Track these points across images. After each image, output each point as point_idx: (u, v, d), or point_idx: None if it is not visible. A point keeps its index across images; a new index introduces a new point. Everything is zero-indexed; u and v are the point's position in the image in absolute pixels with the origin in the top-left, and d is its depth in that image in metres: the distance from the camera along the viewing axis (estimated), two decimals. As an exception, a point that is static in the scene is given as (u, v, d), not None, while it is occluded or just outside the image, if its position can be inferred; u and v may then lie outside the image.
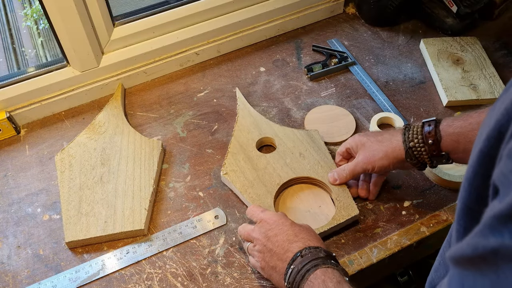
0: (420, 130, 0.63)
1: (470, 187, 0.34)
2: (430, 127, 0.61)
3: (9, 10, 2.61)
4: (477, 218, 0.33)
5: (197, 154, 0.83)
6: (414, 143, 0.63)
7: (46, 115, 0.92)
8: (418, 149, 0.63)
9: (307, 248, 0.57)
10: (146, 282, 0.67)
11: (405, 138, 0.64)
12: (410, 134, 0.64)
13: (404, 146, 0.64)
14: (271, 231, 0.61)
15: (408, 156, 0.64)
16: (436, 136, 0.61)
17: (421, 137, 0.62)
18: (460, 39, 0.98)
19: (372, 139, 0.68)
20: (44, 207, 0.77)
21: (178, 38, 0.96)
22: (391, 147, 0.65)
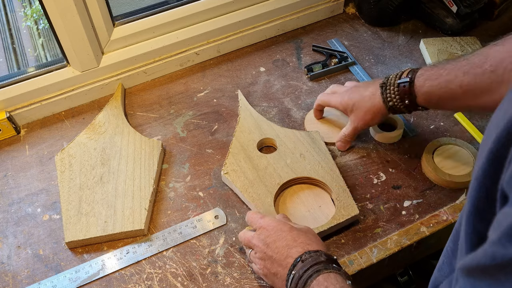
0: (397, 90, 0.69)
1: (480, 186, 0.34)
2: (404, 87, 0.68)
3: (9, 10, 2.61)
4: (487, 218, 0.33)
5: (197, 154, 0.83)
6: (393, 102, 0.70)
7: (46, 115, 0.92)
8: (397, 106, 0.70)
9: (307, 252, 0.56)
10: (146, 282, 0.67)
11: (383, 98, 0.71)
12: (388, 94, 0.70)
13: (385, 105, 0.71)
14: (270, 238, 0.61)
15: (390, 110, 0.72)
16: (411, 97, 0.68)
17: (399, 97, 0.69)
18: (460, 39, 0.98)
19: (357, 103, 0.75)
20: (44, 207, 0.77)
21: (178, 38, 0.96)
22: (377, 108, 0.73)
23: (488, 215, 0.33)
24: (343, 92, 0.78)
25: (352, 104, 0.75)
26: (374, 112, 0.73)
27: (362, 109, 0.74)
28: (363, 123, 0.76)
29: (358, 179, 0.78)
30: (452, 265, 0.48)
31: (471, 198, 0.35)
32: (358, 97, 0.75)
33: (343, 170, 0.78)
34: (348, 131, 0.78)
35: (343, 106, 0.77)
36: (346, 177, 0.77)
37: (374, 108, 0.73)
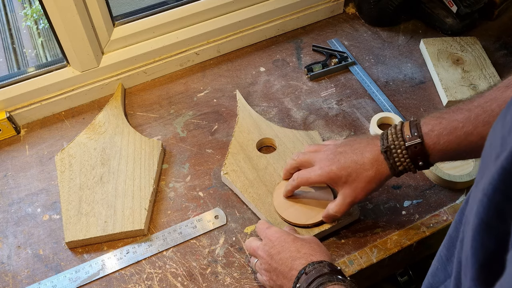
0: (406, 153, 0.60)
1: (490, 203, 0.32)
2: (416, 148, 0.59)
3: (9, 10, 2.61)
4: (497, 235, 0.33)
5: (197, 154, 0.83)
6: (403, 166, 0.61)
7: (46, 115, 0.92)
8: (408, 169, 0.61)
9: (311, 264, 0.56)
10: (146, 282, 0.67)
11: (391, 165, 0.61)
12: (395, 160, 0.61)
13: (393, 172, 0.62)
14: (274, 249, 0.60)
15: (397, 175, 0.62)
16: (424, 157, 0.59)
17: (409, 160, 0.60)
18: (460, 39, 0.98)
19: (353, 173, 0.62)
20: (44, 207, 0.77)
21: (178, 38, 0.96)
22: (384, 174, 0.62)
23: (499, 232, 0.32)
24: (324, 161, 0.65)
25: (346, 175, 0.62)
26: (380, 180, 0.62)
27: (362, 180, 0.62)
28: (364, 194, 0.63)
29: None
30: (447, 271, 0.48)
31: (479, 213, 0.34)
32: (353, 166, 0.62)
33: (343, 170, 0.78)
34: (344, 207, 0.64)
35: (331, 178, 0.64)
36: (346, 177, 0.77)
37: (380, 176, 0.62)
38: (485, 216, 0.33)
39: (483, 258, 0.35)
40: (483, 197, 0.33)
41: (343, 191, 0.64)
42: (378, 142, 0.62)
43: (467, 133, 0.56)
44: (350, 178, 0.63)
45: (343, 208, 0.65)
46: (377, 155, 0.62)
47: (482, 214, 0.34)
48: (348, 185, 0.63)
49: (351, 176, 0.62)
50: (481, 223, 0.34)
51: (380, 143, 0.62)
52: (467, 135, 0.56)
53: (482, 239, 0.34)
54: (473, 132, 0.56)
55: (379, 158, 0.61)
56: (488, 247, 0.34)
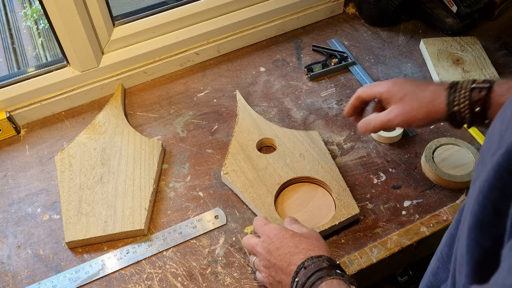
0: (469, 95, 0.57)
1: (485, 200, 0.32)
2: (480, 93, 0.56)
3: (9, 10, 2.61)
4: (492, 233, 0.33)
5: (197, 154, 0.83)
6: (459, 107, 0.57)
7: (46, 115, 0.92)
8: (462, 114, 0.58)
9: (309, 258, 0.56)
10: (146, 282, 0.67)
11: (449, 101, 0.58)
12: (456, 96, 0.58)
13: (447, 109, 0.58)
14: (273, 245, 0.60)
15: (448, 118, 0.59)
16: (484, 105, 0.56)
17: (468, 102, 0.57)
18: (460, 39, 0.98)
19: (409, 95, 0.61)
20: (44, 207, 0.77)
21: (178, 38, 0.96)
22: (434, 109, 0.59)
23: (494, 229, 0.32)
24: (391, 80, 0.65)
25: (403, 93, 0.61)
26: (429, 111, 0.59)
27: (415, 103, 0.60)
28: (407, 119, 0.61)
29: (358, 179, 0.78)
30: (449, 269, 0.48)
31: (474, 211, 0.34)
32: (414, 88, 0.61)
33: (343, 170, 0.78)
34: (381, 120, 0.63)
35: (390, 93, 0.63)
36: (346, 177, 0.77)
37: (432, 107, 0.59)
38: (480, 214, 0.33)
39: (478, 256, 0.35)
40: (479, 194, 0.33)
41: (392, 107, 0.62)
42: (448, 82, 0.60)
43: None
44: (406, 98, 0.61)
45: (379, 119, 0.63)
46: (441, 89, 0.60)
47: (477, 211, 0.33)
48: (400, 104, 0.62)
49: (407, 96, 0.61)
50: (476, 221, 0.34)
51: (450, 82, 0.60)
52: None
53: (477, 237, 0.34)
54: None
55: (442, 92, 0.59)
56: (483, 244, 0.34)
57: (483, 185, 0.32)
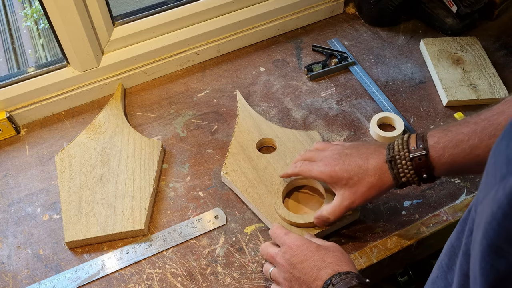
0: (410, 165, 0.60)
1: (499, 227, 0.32)
2: (420, 160, 0.59)
3: (9, 10, 2.61)
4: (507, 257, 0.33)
5: (197, 154, 0.83)
6: (407, 178, 0.60)
7: (46, 115, 0.92)
8: (412, 181, 0.61)
9: (337, 274, 0.54)
10: (146, 282, 0.67)
11: (394, 175, 0.61)
12: (399, 170, 0.61)
13: (396, 182, 0.61)
14: (296, 258, 0.58)
15: (401, 186, 0.62)
16: (429, 169, 0.59)
17: (414, 172, 0.60)
18: (460, 39, 0.98)
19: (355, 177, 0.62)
20: (44, 207, 0.77)
21: (178, 38, 0.96)
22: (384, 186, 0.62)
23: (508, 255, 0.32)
24: (329, 161, 0.65)
25: (348, 177, 0.62)
26: (381, 188, 0.62)
27: (364, 185, 0.62)
28: (363, 200, 0.63)
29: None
30: (448, 280, 0.48)
31: (488, 235, 0.33)
32: (356, 170, 0.62)
33: (343, 170, 0.78)
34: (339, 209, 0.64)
35: (333, 179, 0.64)
36: (346, 177, 0.77)
37: (381, 184, 0.62)
38: (495, 239, 0.33)
39: (493, 279, 0.34)
40: (492, 220, 0.33)
41: (342, 193, 0.63)
42: (384, 150, 0.62)
43: (472, 146, 0.55)
44: (351, 181, 0.62)
45: (338, 211, 0.64)
46: (381, 164, 0.61)
47: (492, 236, 0.33)
48: (348, 188, 0.63)
49: (352, 179, 0.62)
50: (491, 245, 0.33)
51: (385, 152, 0.62)
52: (472, 148, 0.55)
53: (492, 260, 0.34)
54: (479, 145, 0.55)
55: (383, 167, 0.61)
56: (498, 268, 0.34)
57: (497, 212, 0.32)
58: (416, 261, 0.76)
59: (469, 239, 0.40)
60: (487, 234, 0.34)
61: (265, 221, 0.71)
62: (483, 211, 0.35)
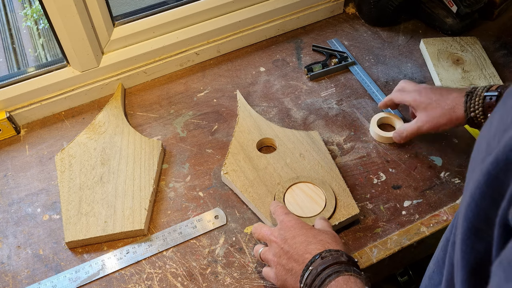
0: (482, 102, 0.65)
1: (478, 208, 0.33)
2: (491, 100, 0.64)
3: (9, 10, 2.61)
4: (485, 238, 0.33)
5: (197, 154, 0.83)
6: (475, 113, 0.66)
7: (46, 115, 0.92)
8: (478, 119, 0.66)
9: (327, 250, 0.55)
10: (146, 282, 0.67)
11: (466, 107, 0.67)
12: (472, 104, 0.66)
13: (465, 115, 0.67)
14: (289, 233, 0.59)
15: (468, 122, 0.68)
16: None
17: (482, 109, 0.65)
18: (460, 39, 0.98)
19: (433, 103, 0.70)
20: (44, 207, 0.77)
21: (178, 38, 0.96)
22: (455, 116, 0.68)
23: (487, 236, 0.33)
24: (419, 89, 0.74)
25: (428, 102, 0.71)
26: (450, 118, 0.69)
27: (438, 111, 0.70)
28: (433, 125, 0.71)
29: (358, 179, 0.78)
30: (443, 274, 0.48)
31: (468, 217, 0.34)
32: (437, 97, 0.71)
33: (343, 170, 0.78)
34: (412, 128, 0.74)
35: (416, 102, 0.73)
36: (346, 177, 0.77)
37: (452, 113, 0.68)
38: (474, 220, 0.33)
39: (474, 261, 0.35)
40: (471, 201, 0.33)
41: (419, 115, 0.72)
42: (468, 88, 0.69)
43: None
44: (429, 106, 0.70)
45: (410, 128, 0.74)
46: (460, 96, 0.68)
47: (471, 218, 0.34)
48: (426, 112, 0.71)
49: (431, 105, 0.70)
50: (471, 227, 0.34)
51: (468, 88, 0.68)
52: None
53: (472, 243, 0.34)
54: None
55: (461, 99, 0.68)
56: (478, 250, 0.34)
57: (475, 192, 0.33)
58: (416, 261, 0.76)
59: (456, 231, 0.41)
60: (466, 216, 0.34)
61: (265, 221, 0.71)
62: (465, 196, 0.35)
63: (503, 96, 0.34)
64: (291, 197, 0.72)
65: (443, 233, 0.71)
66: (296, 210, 0.70)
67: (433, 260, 0.53)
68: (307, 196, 0.72)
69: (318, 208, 0.70)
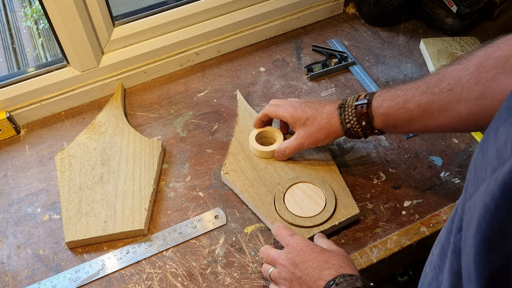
0: (354, 111, 0.67)
1: (492, 219, 0.32)
2: (362, 108, 0.67)
3: (9, 10, 2.61)
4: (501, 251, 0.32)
5: (197, 154, 0.83)
6: (350, 124, 0.68)
7: (46, 115, 0.92)
8: (355, 129, 0.68)
9: (341, 276, 0.53)
10: (146, 282, 0.67)
11: (341, 120, 0.69)
12: (345, 115, 0.68)
13: (342, 127, 0.69)
14: (299, 257, 0.58)
15: (346, 133, 0.69)
16: (368, 118, 0.66)
17: (356, 119, 0.67)
18: (460, 39, 0.98)
19: (310, 118, 0.71)
20: (44, 207, 0.77)
21: (178, 38, 0.96)
22: (332, 129, 0.70)
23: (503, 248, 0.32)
24: (294, 104, 0.74)
25: (305, 117, 0.71)
26: (329, 131, 0.70)
27: (316, 126, 0.71)
28: (313, 140, 0.72)
29: (358, 179, 0.78)
30: (439, 281, 0.48)
31: (481, 228, 0.33)
32: (313, 112, 0.71)
33: (343, 170, 0.78)
34: (293, 146, 0.73)
35: (294, 118, 0.72)
36: (346, 177, 0.77)
37: (329, 127, 0.70)
38: (489, 232, 0.32)
39: (489, 275, 0.34)
40: (485, 213, 0.32)
41: (298, 132, 0.73)
42: (341, 101, 0.71)
43: (405, 100, 0.63)
44: (307, 122, 0.71)
45: (291, 146, 0.74)
46: (334, 109, 0.70)
47: (485, 229, 0.33)
48: (303, 128, 0.72)
49: (308, 120, 0.71)
50: (485, 239, 0.33)
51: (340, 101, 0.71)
52: (405, 103, 0.63)
53: (486, 255, 0.33)
54: (411, 100, 0.62)
55: (335, 112, 0.70)
56: (493, 263, 0.33)
57: (490, 203, 0.31)
58: (416, 261, 0.76)
59: (457, 237, 0.40)
60: (480, 228, 0.33)
61: (265, 221, 0.71)
62: (475, 206, 0.34)
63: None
64: (291, 197, 0.72)
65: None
66: (296, 210, 0.70)
67: (430, 266, 0.52)
68: (307, 196, 0.72)
69: (318, 208, 0.70)
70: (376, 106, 0.66)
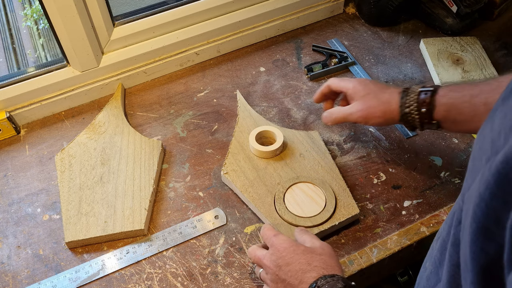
0: (416, 97, 0.65)
1: (487, 208, 0.32)
2: (426, 95, 0.64)
3: (9, 10, 2.61)
4: (496, 240, 0.32)
5: (197, 154, 0.83)
6: (409, 109, 0.65)
7: (46, 115, 0.92)
8: (412, 115, 0.65)
9: (322, 277, 0.54)
10: (146, 282, 0.67)
11: (401, 103, 0.66)
12: (407, 99, 0.66)
13: (400, 111, 0.66)
14: (282, 260, 0.58)
15: (402, 119, 0.67)
16: (429, 106, 0.63)
17: (416, 104, 0.65)
18: (460, 39, 0.98)
19: (371, 94, 0.69)
20: (44, 207, 0.77)
21: (178, 38, 0.96)
22: (389, 109, 0.67)
23: (498, 237, 0.32)
24: (358, 79, 0.73)
25: (367, 91, 0.69)
26: (385, 111, 0.67)
27: (374, 102, 0.68)
28: (365, 114, 0.68)
29: (358, 179, 0.78)
30: (439, 275, 0.48)
31: (478, 217, 0.33)
32: (376, 89, 0.69)
33: (343, 170, 0.78)
34: (343, 111, 0.71)
35: (355, 89, 0.70)
36: (346, 177, 0.77)
37: (388, 106, 0.67)
38: (484, 220, 0.33)
39: (484, 263, 0.34)
40: (481, 202, 0.33)
41: (355, 103, 0.70)
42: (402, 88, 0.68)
43: (472, 95, 0.60)
44: (368, 96, 0.69)
45: (342, 111, 0.71)
46: (397, 92, 0.68)
47: (481, 218, 0.33)
48: (362, 100, 0.69)
49: (370, 94, 0.69)
50: (481, 227, 0.33)
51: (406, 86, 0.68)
52: (472, 97, 0.60)
53: (481, 243, 0.34)
54: (479, 95, 0.59)
55: (397, 95, 0.67)
56: (488, 251, 0.33)
57: (484, 192, 0.32)
58: (416, 261, 0.76)
59: (457, 229, 0.40)
60: (476, 217, 0.34)
61: (265, 221, 0.71)
62: (471, 196, 0.35)
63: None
64: (291, 197, 0.72)
65: (443, 233, 0.71)
66: (296, 210, 0.70)
67: (430, 260, 0.53)
68: (307, 196, 0.72)
69: (318, 208, 0.70)
70: (441, 95, 0.63)
